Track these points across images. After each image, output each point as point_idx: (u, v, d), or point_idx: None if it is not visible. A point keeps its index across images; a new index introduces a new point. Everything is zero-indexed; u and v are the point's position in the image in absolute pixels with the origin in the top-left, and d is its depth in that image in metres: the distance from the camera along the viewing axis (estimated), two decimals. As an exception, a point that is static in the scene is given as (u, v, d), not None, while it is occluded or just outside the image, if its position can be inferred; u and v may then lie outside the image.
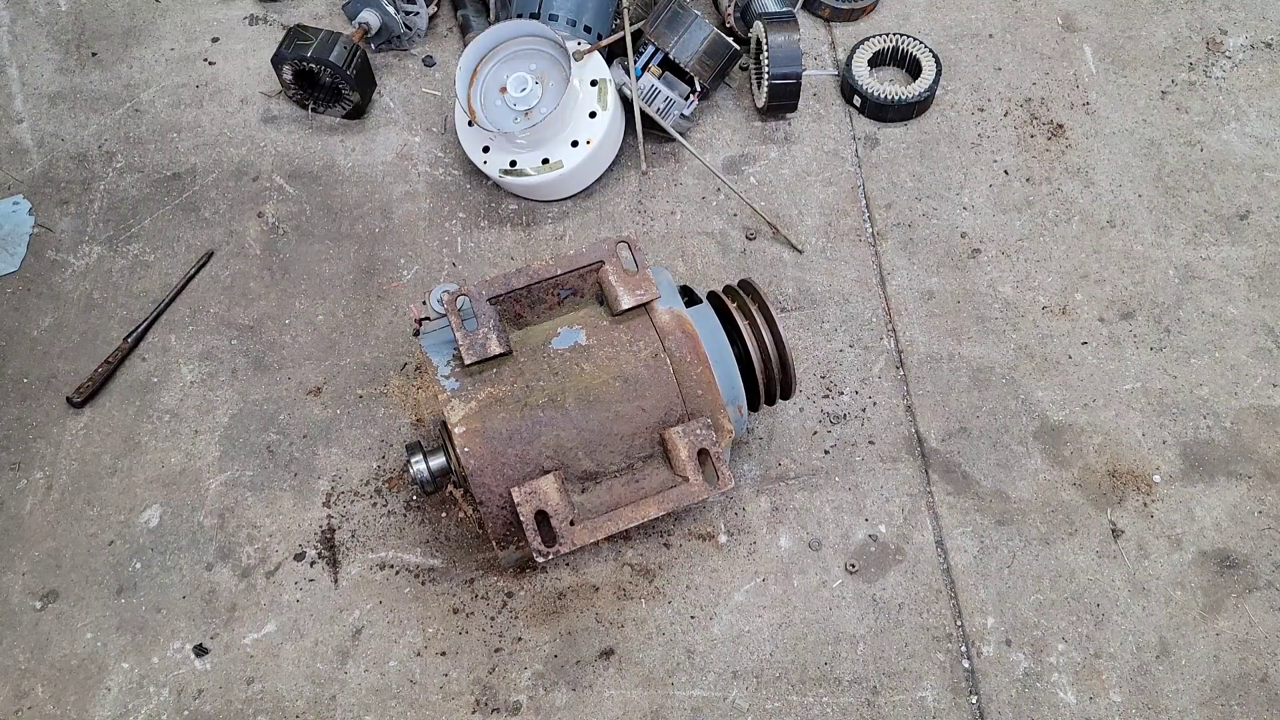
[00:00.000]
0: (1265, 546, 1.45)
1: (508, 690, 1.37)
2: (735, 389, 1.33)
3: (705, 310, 1.37)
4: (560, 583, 1.45)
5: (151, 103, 1.93)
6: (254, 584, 1.46)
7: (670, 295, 1.32)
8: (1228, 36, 1.96)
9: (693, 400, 1.28)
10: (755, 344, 1.36)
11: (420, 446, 1.37)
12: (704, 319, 1.35)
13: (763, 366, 1.37)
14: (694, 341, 1.29)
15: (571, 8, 1.81)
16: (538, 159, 1.72)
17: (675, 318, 1.30)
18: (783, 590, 1.44)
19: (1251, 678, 1.36)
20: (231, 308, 1.70)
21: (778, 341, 1.36)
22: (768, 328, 1.36)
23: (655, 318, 1.29)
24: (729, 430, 1.31)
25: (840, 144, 1.85)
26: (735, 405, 1.34)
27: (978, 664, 1.38)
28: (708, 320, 1.35)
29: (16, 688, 1.39)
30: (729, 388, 1.32)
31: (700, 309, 1.37)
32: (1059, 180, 1.80)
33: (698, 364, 1.28)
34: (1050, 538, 1.47)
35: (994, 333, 1.64)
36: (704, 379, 1.28)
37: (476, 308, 1.24)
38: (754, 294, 1.39)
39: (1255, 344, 1.62)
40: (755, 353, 1.37)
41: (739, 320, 1.37)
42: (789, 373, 1.38)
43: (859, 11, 1.99)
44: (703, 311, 1.36)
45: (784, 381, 1.39)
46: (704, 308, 1.38)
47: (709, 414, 1.29)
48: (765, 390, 1.39)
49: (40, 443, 1.57)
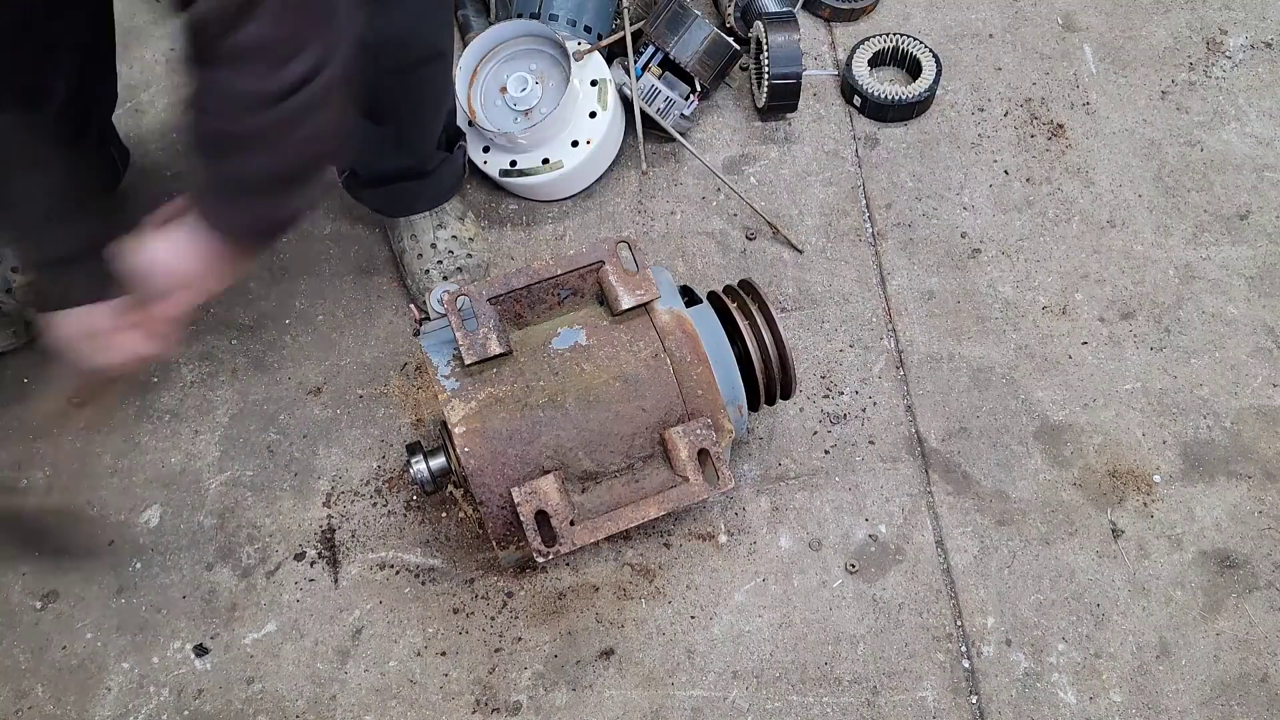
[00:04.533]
0: (1265, 546, 1.45)
1: (508, 690, 1.37)
2: (735, 389, 1.33)
3: (705, 310, 1.37)
4: (560, 583, 1.45)
5: (151, 103, 1.93)
6: (254, 584, 1.46)
7: (670, 295, 1.32)
8: (1228, 36, 1.96)
9: (693, 400, 1.28)
10: (755, 344, 1.36)
11: (420, 447, 1.37)
12: (704, 319, 1.35)
13: (763, 366, 1.37)
14: (694, 341, 1.29)
15: (571, 8, 1.81)
16: (538, 159, 1.72)
17: (675, 317, 1.30)
18: (783, 590, 1.44)
19: (1251, 678, 1.36)
20: (231, 308, 1.70)
21: (777, 341, 1.36)
22: (767, 327, 1.36)
23: (655, 318, 1.29)
24: (729, 430, 1.31)
25: (840, 144, 1.85)
26: (735, 405, 1.34)
27: (978, 664, 1.38)
28: (708, 320, 1.35)
29: (16, 688, 1.39)
30: (729, 387, 1.32)
31: (700, 309, 1.37)
32: (1059, 180, 1.80)
33: (698, 364, 1.28)
34: (1050, 538, 1.47)
35: (994, 333, 1.64)
36: (704, 379, 1.28)
37: (477, 308, 1.24)
38: (754, 294, 1.39)
39: (1255, 344, 1.62)
40: (755, 352, 1.37)
41: (739, 320, 1.37)
42: (789, 372, 1.38)
43: (859, 11, 1.99)
44: (703, 311, 1.36)
45: (784, 381, 1.39)
46: (704, 308, 1.38)
47: (709, 414, 1.29)
48: (765, 390, 1.39)
49: (40, 443, 1.57)
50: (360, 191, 1.65)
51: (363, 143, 1.55)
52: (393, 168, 1.59)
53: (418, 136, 1.56)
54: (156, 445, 1.57)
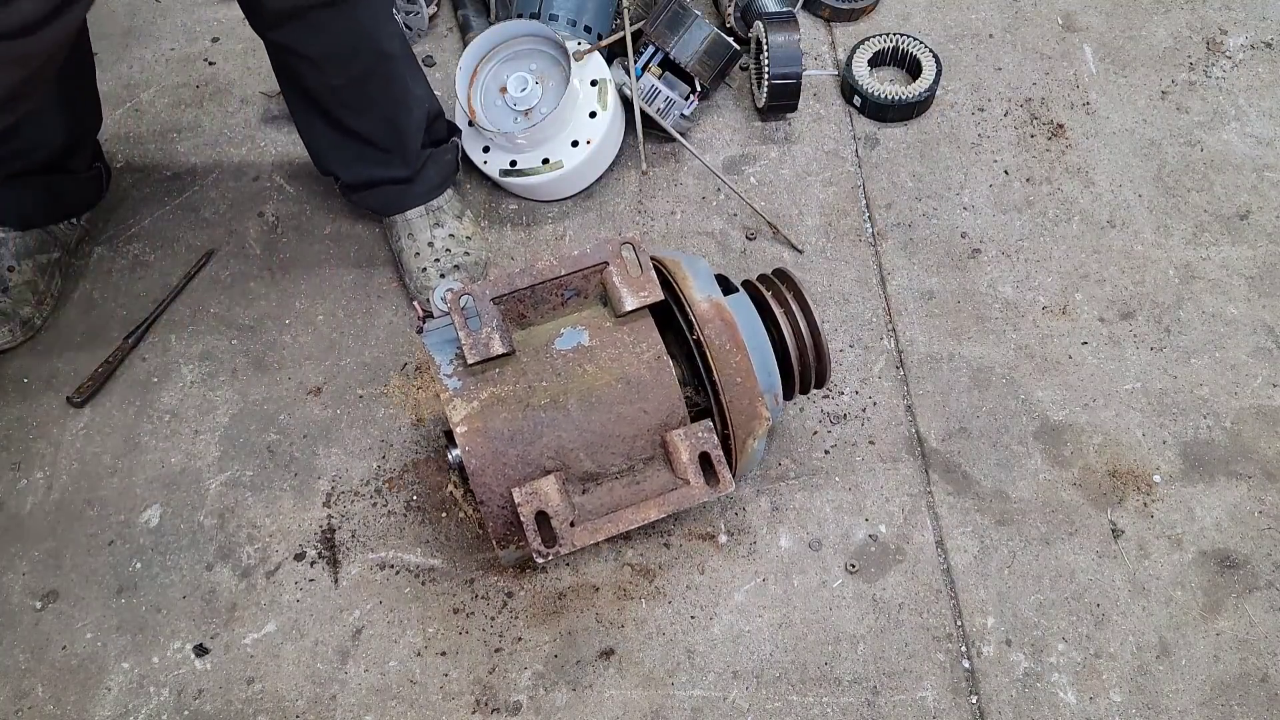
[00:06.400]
0: (1265, 546, 1.46)
1: (508, 690, 1.37)
2: (772, 376, 1.33)
3: (742, 299, 1.36)
4: (560, 583, 1.45)
5: (151, 103, 1.93)
6: (254, 584, 1.46)
7: (708, 283, 1.32)
8: (1228, 36, 1.96)
9: (731, 388, 1.28)
10: (791, 331, 1.36)
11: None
12: (741, 307, 1.34)
13: (798, 354, 1.37)
14: (732, 329, 1.28)
15: (571, 8, 1.81)
16: (538, 159, 1.72)
17: (714, 306, 1.29)
18: (783, 590, 1.44)
19: (1251, 678, 1.37)
20: (231, 308, 1.69)
21: (813, 329, 1.35)
22: (803, 316, 1.36)
23: (695, 308, 1.29)
24: (766, 418, 1.30)
25: (840, 144, 1.85)
26: (772, 394, 1.33)
27: (978, 664, 1.38)
28: (744, 308, 1.35)
29: (16, 688, 1.39)
30: (765, 375, 1.31)
31: (737, 297, 1.36)
32: (1059, 180, 1.80)
33: (736, 352, 1.27)
34: (1050, 538, 1.47)
35: (994, 333, 1.64)
36: (743, 367, 1.27)
37: (480, 307, 1.24)
38: (789, 282, 1.38)
39: (1255, 344, 1.62)
40: (791, 340, 1.36)
41: (774, 308, 1.36)
42: (824, 361, 1.37)
43: (859, 11, 1.99)
44: (739, 300, 1.36)
45: (819, 370, 1.38)
46: (741, 296, 1.37)
47: (746, 402, 1.28)
48: (800, 378, 1.39)
49: (40, 443, 1.57)
50: (352, 194, 1.67)
51: (340, 152, 1.57)
52: (378, 173, 1.60)
53: (392, 140, 1.58)
54: (156, 445, 1.57)
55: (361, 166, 1.60)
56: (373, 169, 1.60)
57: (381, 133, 1.56)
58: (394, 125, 1.57)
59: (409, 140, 1.59)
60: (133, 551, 1.48)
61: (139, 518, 1.51)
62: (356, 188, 1.64)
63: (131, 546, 1.49)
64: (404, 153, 1.59)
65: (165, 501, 1.52)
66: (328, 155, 1.61)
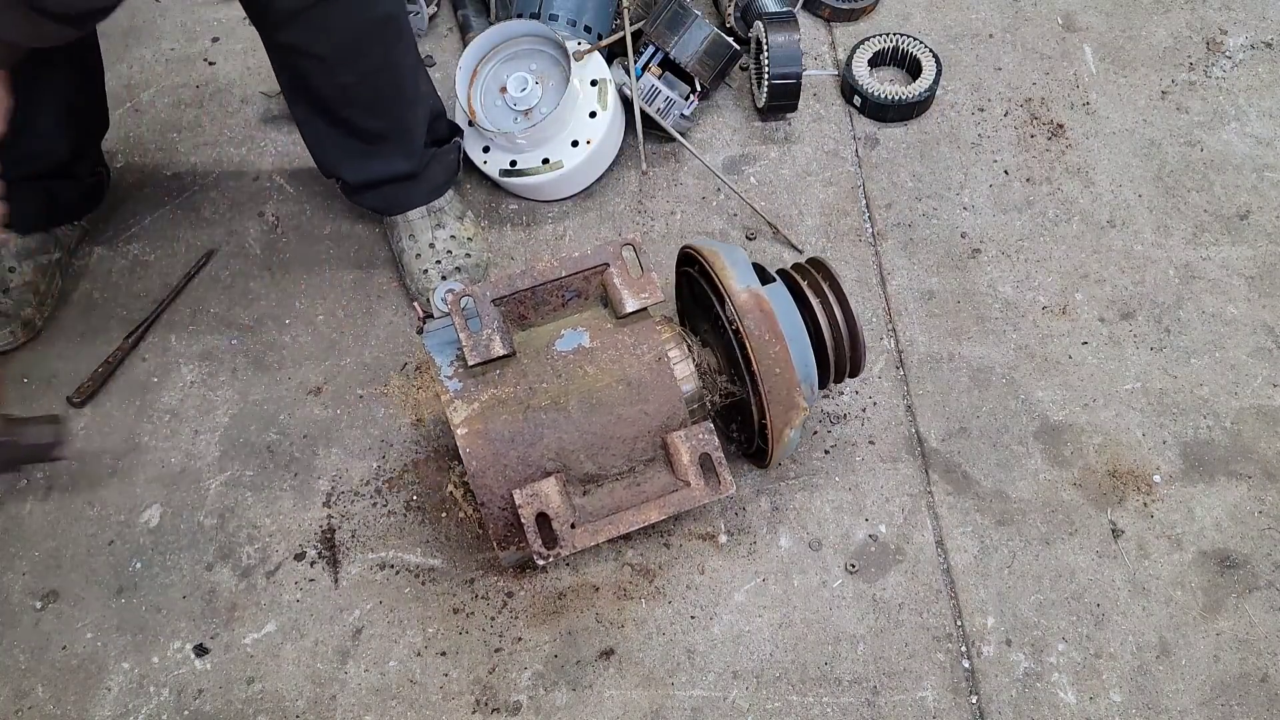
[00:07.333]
0: (1265, 546, 1.46)
1: (508, 690, 1.37)
2: (809, 366, 1.33)
3: (779, 288, 1.36)
4: (560, 583, 1.45)
5: (151, 103, 1.93)
6: (254, 584, 1.46)
7: (746, 274, 1.31)
8: (1228, 36, 1.96)
9: (769, 378, 1.27)
10: (828, 321, 1.36)
11: None
12: (779, 297, 1.34)
13: (834, 344, 1.37)
14: (771, 320, 1.28)
15: (571, 8, 1.81)
16: (538, 159, 1.72)
17: (753, 296, 1.29)
18: (783, 590, 1.44)
19: (1251, 678, 1.37)
20: (231, 308, 1.69)
21: (849, 319, 1.35)
22: (839, 305, 1.36)
23: (735, 298, 1.28)
24: (803, 408, 1.30)
25: (840, 144, 1.85)
26: (808, 383, 1.33)
27: (978, 664, 1.38)
28: (782, 298, 1.34)
29: (16, 688, 1.39)
30: (803, 365, 1.31)
31: (774, 287, 1.36)
32: (1059, 180, 1.80)
33: (775, 342, 1.27)
34: (1050, 538, 1.47)
35: (994, 333, 1.64)
36: (781, 357, 1.27)
37: (480, 308, 1.24)
38: (824, 271, 1.38)
39: (1255, 344, 1.62)
40: (827, 329, 1.36)
41: (811, 298, 1.36)
42: (859, 350, 1.37)
43: (859, 11, 1.99)
44: (777, 290, 1.35)
45: (854, 359, 1.38)
46: (778, 286, 1.36)
47: (784, 392, 1.28)
48: (835, 367, 1.39)
49: (40, 443, 1.57)
50: (354, 195, 1.67)
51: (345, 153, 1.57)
52: (382, 172, 1.60)
53: (399, 136, 1.58)
54: (156, 445, 1.57)
55: (367, 166, 1.59)
56: (378, 168, 1.60)
57: (389, 129, 1.56)
58: (401, 121, 1.56)
59: (415, 136, 1.59)
60: (133, 551, 1.48)
61: (139, 518, 1.51)
62: (360, 188, 1.64)
63: (131, 546, 1.49)
64: (410, 149, 1.59)
65: (165, 501, 1.52)
66: (332, 157, 1.61)
